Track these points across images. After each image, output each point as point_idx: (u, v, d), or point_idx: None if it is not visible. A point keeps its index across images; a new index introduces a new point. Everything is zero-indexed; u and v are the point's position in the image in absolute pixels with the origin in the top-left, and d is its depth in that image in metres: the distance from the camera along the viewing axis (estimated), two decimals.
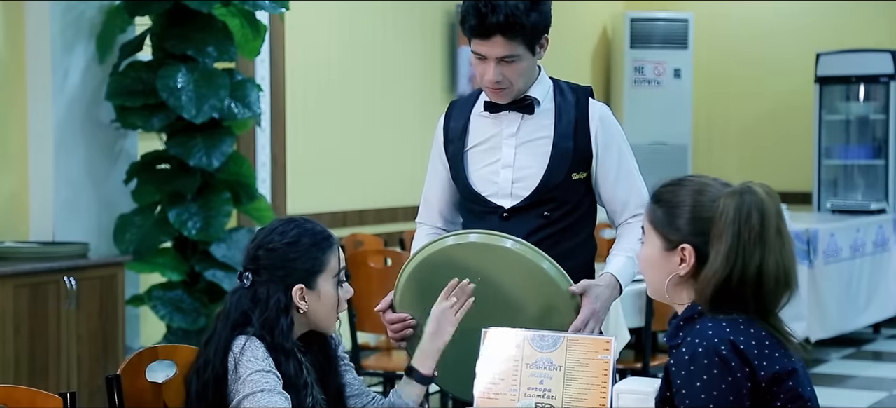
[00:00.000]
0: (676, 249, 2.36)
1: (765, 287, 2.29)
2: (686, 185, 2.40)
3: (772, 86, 10.16)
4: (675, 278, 2.38)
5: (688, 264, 2.35)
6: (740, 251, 2.28)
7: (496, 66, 3.00)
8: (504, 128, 3.10)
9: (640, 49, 9.97)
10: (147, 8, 5.53)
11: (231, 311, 2.76)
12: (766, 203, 2.30)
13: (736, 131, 10.34)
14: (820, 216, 9.03)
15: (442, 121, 3.22)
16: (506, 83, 3.03)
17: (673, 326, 2.39)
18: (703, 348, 2.24)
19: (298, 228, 2.80)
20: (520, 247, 2.93)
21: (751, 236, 2.28)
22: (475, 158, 3.13)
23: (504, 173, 3.08)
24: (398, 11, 8.07)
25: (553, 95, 3.12)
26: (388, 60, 7.94)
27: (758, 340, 2.27)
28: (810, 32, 9.92)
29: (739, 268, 2.28)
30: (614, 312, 5.18)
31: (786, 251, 2.31)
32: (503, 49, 2.98)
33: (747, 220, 2.28)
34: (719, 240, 2.30)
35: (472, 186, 3.12)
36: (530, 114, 3.09)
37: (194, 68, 5.44)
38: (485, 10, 2.95)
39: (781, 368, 2.27)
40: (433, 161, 3.23)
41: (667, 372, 2.31)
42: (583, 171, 3.07)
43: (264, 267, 2.77)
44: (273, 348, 2.72)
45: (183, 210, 5.43)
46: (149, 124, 5.49)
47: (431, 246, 3.02)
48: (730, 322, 2.28)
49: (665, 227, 2.38)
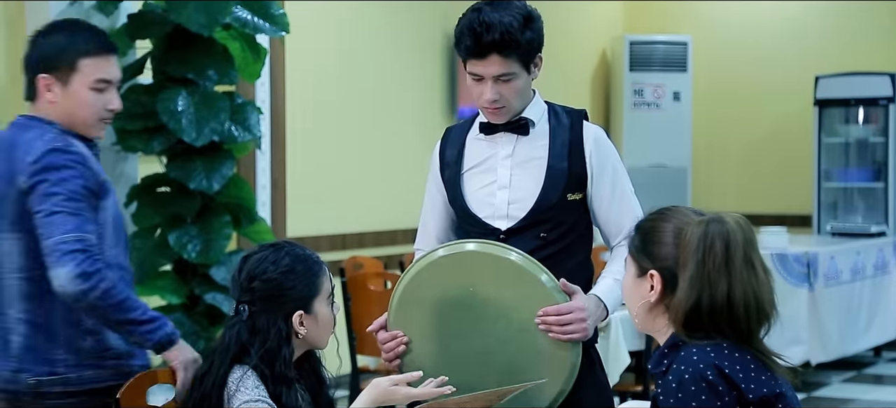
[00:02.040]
0: (646, 275, 2.40)
1: (736, 315, 2.31)
2: (665, 214, 2.44)
3: (771, 109, 10.18)
4: (646, 305, 2.40)
5: (656, 291, 2.38)
6: (704, 279, 2.30)
7: (493, 85, 3.02)
8: (499, 149, 3.12)
9: (640, 72, 9.99)
10: (147, 31, 5.53)
11: (230, 345, 2.76)
12: (732, 233, 2.32)
13: (735, 154, 10.35)
14: (820, 239, 9.03)
15: (438, 147, 3.25)
16: (503, 102, 3.04)
17: (657, 354, 2.40)
18: (690, 375, 2.25)
19: (290, 256, 2.81)
20: (519, 258, 2.93)
21: (715, 265, 2.30)
22: (471, 180, 3.14)
23: (500, 195, 3.09)
24: (398, 34, 8.09)
25: (548, 117, 3.14)
26: (387, 83, 7.96)
27: (743, 364, 2.28)
28: (809, 55, 9.94)
29: (707, 296, 2.30)
30: (614, 334, 5.18)
31: (757, 281, 2.32)
32: (499, 67, 3.00)
33: (710, 248, 2.31)
34: (684, 268, 2.33)
35: (469, 208, 3.12)
36: (525, 135, 3.11)
37: (194, 91, 5.44)
38: (480, 29, 2.98)
39: (769, 391, 2.27)
40: (430, 188, 3.25)
41: (654, 402, 2.32)
42: (578, 191, 3.09)
43: (261, 298, 2.78)
44: (274, 380, 2.73)
45: (183, 233, 5.43)
46: (149, 147, 5.49)
47: (419, 262, 3.02)
48: (714, 347, 2.29)
49: (638, 254, 2.42)
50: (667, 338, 2.39)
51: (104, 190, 3.11)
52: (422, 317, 2.99)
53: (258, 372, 2.72)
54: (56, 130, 3.10)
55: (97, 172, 3.12)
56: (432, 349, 3.01)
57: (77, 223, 2.96)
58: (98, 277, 2.94)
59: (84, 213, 2.99)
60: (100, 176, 3.12)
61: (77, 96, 3.07)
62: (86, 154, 3.11)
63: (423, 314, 2.98)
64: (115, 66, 3.11)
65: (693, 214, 2.41)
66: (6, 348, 3.08)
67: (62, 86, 3.07)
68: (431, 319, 2.99)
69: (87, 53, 3.07)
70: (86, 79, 3.06)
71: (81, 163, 3.06)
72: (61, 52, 3.08)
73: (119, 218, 3.20)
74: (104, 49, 3.09)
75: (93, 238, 2.98)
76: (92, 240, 2.98)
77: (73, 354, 3.04)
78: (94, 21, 5.66)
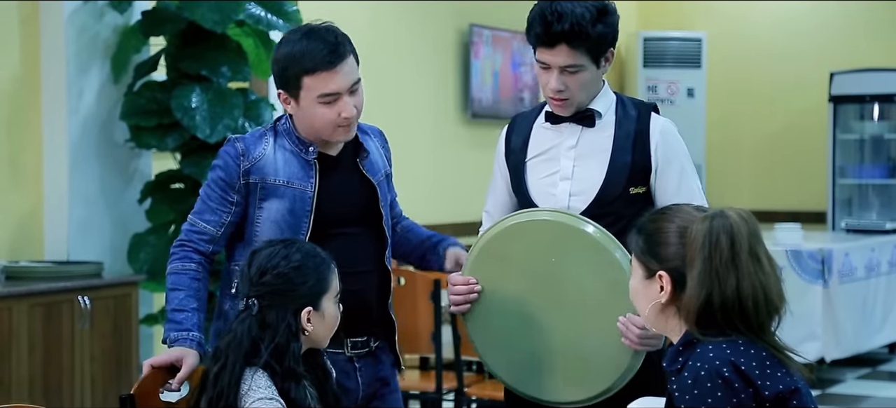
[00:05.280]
0: (654, 277, 2.39)
1: (746, 309, 2.30)
2: (666, 214, 2.43)
3: (785, 105, 10.15)
4: (657, 306, 2.40)
5: (666, 291, 2.37)
6: (713, 275, 2.30)
7: (559, 75, 3.00)
8: (564, 140, 3.10)
9: (654, 68, 9.97)
10: (161, 28, 5.55)
11: (242, 340, 2.76)
12: (736, 227, 2.31)
13: (749, 151, 10.33)
14: (834, 236, 9.00)
15: (504, 133, 3.23)
16: (568, 94, 3.02)
17: (672, 351, 2.39)
18: (705, 371, 2.24)
19: (300, 252, 2.81)
20: (599, 233, 2.92)
21: (722, 260, 2.30)
22: (535, 169, 3.13)
23: (562, 186, 3.07)
24: (412, 32, 8.08)
25: (615, 109, 3.10)
26: (401, 81, 7.95)
27: (758, 360, 2.28)
28: (824, 51, 9.91)
29: (717, 291, 2.30)
30: None
31: (764, 273, 2.32)
32: (567, 58, 2.98)
33: (716, 244, 2.30)
34: (692, 265, 2.32)
35: (530, 197, 3.11)
36: (591, 126, 3.08)
37: (208, 88, 5.46)
38: (551, 18, 2.95)
39: (785, 387, 2.27)
40: (494, 174, 3.25)
41: (669, 399, 2.32)
42: (641, 184, 3.05)
43: (271, 292, 2.78)
44: (283, 376, 2.73)
45: None
46: (163, 144, 5.51)
47: (506, 220, 3.03)
48: (730, 344, 2.29)
49: (644, 256, 2.41)
50: (680, 336, 2.38)
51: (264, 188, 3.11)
52: (501, 273, 3.00)
53: (268, 369, 2.72)
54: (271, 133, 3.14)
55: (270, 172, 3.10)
56: (503, 307, 3.01)
57: (194, 210, 3.13)
58: (168, 262, 3.09)
59: (206, 202, 3.10)
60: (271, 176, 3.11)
61: (308, 111, 3.05)
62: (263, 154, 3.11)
63: (502, 271, 2.99)
64: (342, 74, 3.02)
65: (695, 211, 2.40)
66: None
67: (295, 101, 3.06)
68: (511, 277, 3.00)
69: (308, 72, 3.01)
70: (311, 94, 3.03)
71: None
72: (284, 71, 3.05)
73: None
74: (326, 64, 3.01)
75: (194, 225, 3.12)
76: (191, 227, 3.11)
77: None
78: (107, 18, 5.71)
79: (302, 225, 3.07)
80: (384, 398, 3.22)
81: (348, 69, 3.04)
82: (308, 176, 3.09)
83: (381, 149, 3.31)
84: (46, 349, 4.99)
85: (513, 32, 8.73)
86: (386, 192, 3.25)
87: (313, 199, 3.07)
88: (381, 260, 3.19)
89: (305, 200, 3.07)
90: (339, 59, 3.02)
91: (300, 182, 3.08)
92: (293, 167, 3.09)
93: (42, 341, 4.97)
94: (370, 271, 3.16)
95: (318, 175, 3.09)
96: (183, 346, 2.97)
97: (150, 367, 2.93)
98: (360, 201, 3.16)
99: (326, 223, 3.09)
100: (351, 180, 3.16)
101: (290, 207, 3.07)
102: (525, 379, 3.03)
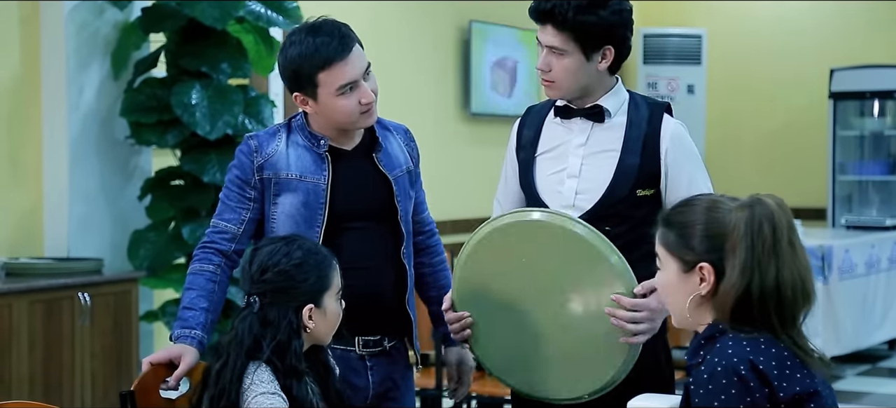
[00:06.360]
0: (694, 269, 2.34)
1: (784, 299, 2.27)
2: (696, 204, 2.38)
3: (785, 101, 10.15)
4: (696, 299, 2.35)
5: (708, 283, 2.32)
6: (755, 264, 2.26)
7: (546, 54, 2.99)
8: (573, 137, 3.07)
9: (654, 65, 9.96)
10: (161, 25, 5.55)
11: (244, 337, 2.76)
12: (776, 214, 2.29)
13: (750, 147, 10.33)
14: (834, 232, 9.00)
15: (516, 126, 3.21)
16: (553, 76, 3.01)
17: (693, 344, 2.37)
18: (722, 368, 2.22)
19: (302, 249, 2.81)
20: (591, 234, 2.88)
21: (764, 248, 2.26)
22: (543, 165, 3.10)
23: (569, 183, 3.04)
24: (411, 29, 8.08)
25: (627, 109, 3.07)
26: (401, 79, 7.95)
27: (779, 360, 2.25)
28: (824, 48, 9.90)
29: (758, 280, 2.26)
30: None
31: (800, 262, 2.29)
32: (552, 39, 2.97)
33: (759, 231, 2.27)
34: (733, 254, 2.28)
35: (537, 193, 3.08)
36: (600, 123, 3.05)
37: (208, 85, 5.46)
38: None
39: (802, 389, 2.24)
40: (505, 164, 3.23)
41: (686, 391, 2.30)
42: (650, 187, 3.01)
43: (272, 290, 2.78)
44: (285, 373, 2.73)
45: (197, 226, 5.44)
46: (163, 141, 5.51)
47: (495, 221, 2.98)
48: (751, 342, 2.26)
49: (679, 249, 2.36)
50: (705, 328, 2.35)
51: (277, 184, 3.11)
52: (483, 293, 2.98)
53: (270, 366, 2.72)
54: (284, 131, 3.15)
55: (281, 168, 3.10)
56: (498, 313, 2.98)
57: (215, 213, 3.15)
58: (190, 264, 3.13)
59: (225, 202, 3.12)
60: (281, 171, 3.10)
61: (328, 106, 3.04)
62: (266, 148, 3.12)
63: (484, 291, 2.97)
64: (354, 62, 3.02)
65: (728, 200, 2.36)
66: None
67: (313, 100, 3.05)
68: (493, 295, 2.97)
69: (322, 67, 3.00)
70: (329, 89, 3.01)
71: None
72: (297, 72, 3.03)
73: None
74: (339, 56, 3.00)
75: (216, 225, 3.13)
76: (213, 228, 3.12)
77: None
78: (108, 14, 5.71)
79: (317, 218, 3.05)
80: (396, 399, 3.20)
81: (358, 55, 3.05)
82: (321, 169, 3.08)
83: (405, 146, 3.32)
84: (47, 346, 4.99)
85: (513, 29, 8.73)
86: (405, 187, 3.23)
87: (327, 191, 3.06)
88: (397, 255, 3.16)
89: (319, 193, 3.06)
90: (349, 47, 3.03)
91: (313, 175, 3.07)
92: (306, 161, 3.08)
93: (42, 337, 4.97)
94: (385, 267, 3.13)
95: (332, 168, 3.08)
96: (183, 343, 2.97)
97: (148, 364, 2.93)
98: (375, 195, 3.14)
99: (341, 217, 3.07)
100: (365, 174, 3.14)
101: (304, 201, 3.06)
102: (529, 380, 3.01)
